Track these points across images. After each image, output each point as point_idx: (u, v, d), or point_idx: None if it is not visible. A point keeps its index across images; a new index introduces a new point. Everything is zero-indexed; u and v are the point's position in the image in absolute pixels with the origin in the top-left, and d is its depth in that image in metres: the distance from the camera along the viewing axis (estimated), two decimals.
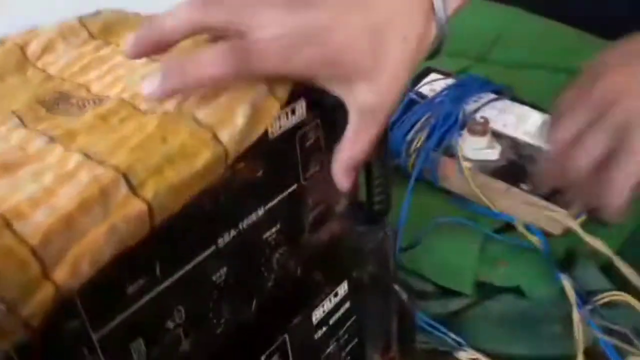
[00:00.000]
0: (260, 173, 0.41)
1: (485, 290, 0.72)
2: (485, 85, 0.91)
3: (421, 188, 0.83)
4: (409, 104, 0.89)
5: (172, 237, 0.36)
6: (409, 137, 0.85)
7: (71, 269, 0.28)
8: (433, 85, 0.93)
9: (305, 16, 0.38)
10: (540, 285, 0.68)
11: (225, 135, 0.37)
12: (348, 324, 0.56)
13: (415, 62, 0.43)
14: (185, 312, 0.38)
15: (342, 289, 0.54)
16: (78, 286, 0.30)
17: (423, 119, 0.86)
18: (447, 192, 0.84)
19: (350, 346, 0.58)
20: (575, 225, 0.71)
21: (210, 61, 0.37)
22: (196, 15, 0.38)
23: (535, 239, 0.71)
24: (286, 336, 0.48)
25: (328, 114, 0.47)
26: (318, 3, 0.39)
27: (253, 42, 0.38)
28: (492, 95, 0.91)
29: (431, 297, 0.73)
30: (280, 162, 0.43)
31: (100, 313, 0.33)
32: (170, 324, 0.38)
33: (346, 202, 0.52)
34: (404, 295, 0.56)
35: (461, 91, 0.88)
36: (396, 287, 0.56)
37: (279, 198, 0.44)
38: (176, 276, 0.37)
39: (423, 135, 0.84)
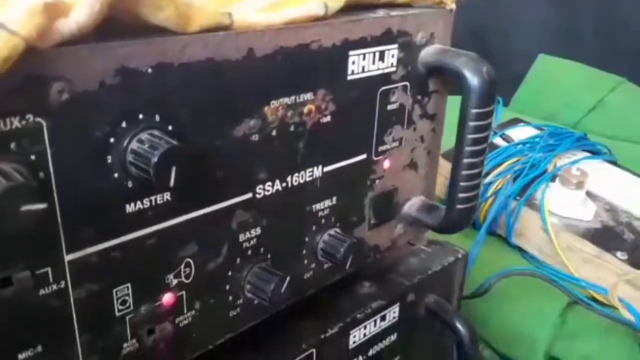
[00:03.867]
0: (328, 116, 0.32)
1: None
2: (581, 140, 0.80)
3: (492, 244, 0.72)
4: (491, 145, 0.79)
5: (198, 162, 0.27)
6: (487, 179, 0.74)
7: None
8: (519, 130, 0.82)
9: None
10: None
11: None
12: None
13: None
14: (193, 271, 0.29)
15: (392, 313, 0.43)
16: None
17: (506, 163, 0.75)
18: (521, 251, 0.72)
19: None
20: None
21: None
22: None
23: (629, 316, 0.58)
24: (314, 351, 0.37)
25: (422, 82, 0.38)
26: None
27: None
28: (588, 153, 0.80)
29: None
30: (354, 114, 0.34)
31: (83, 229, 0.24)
32: (170, 279, 0.28)
33: (419, 202, 0.41)
34: (466, 336, 0.44)
35: (554, 141, 0.78)
36: (458, 325, 0.44)
37: (342, 164, 0.35)
38: (196, 214, 0.28)
39: (504, 180, 0.73)
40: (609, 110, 1.02)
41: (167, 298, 0.28)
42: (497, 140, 0.81)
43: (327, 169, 0.34)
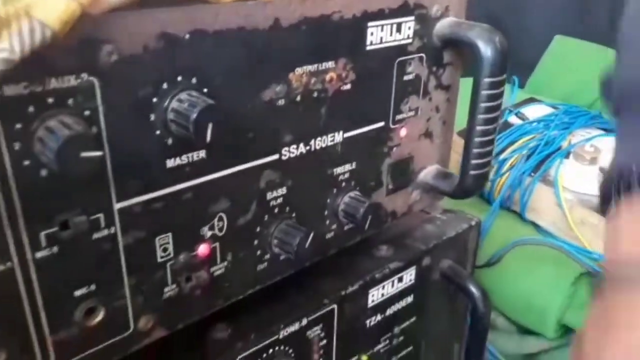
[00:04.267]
0: (348, 84, 0.34)
1: (569, 337, 0.60)
2: (595, 118, 0.81)
3: (507, 219, 0.74)
4: (506, 123, 0.81)
5: (231, 122, 0.29)
6: (502, 156, 0.76)
7: None
8: (535, 108, 0.84)
9: None
10: None
11: None
12: (406, 324, 0.47)
13: None
14: (226, 225, 0.31)
15: (409, 275, 0.45)
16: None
17: (521, 140, 0.77)
18: (536, 227, 0.73)
19: (403, 353, 0.48)
20: None
21: None
22: None
23: None
24: (335, 307, 0.40)
25: (437, 54, 0.40)
26: None
27: None
28: (602, 131, 0.81)
29: (504, 333, 0.62)
30: (373, 83, 0.36)
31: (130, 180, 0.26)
32: (205, 231, 0.31)
33: (435, 170, 0.44)
34: (479, 298, 0.46)
35: (569, 119, 0.79)
36: (472, 288, 0.46)
37: (362, 129, 0.37)
38: (229, 171, 0.30)
39: (519, 156, 0.75)
40: None
41: (203, 249, 0.31)
42: (513, 119, 0.83)
43: (348, 134, 0.36)
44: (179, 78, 0.26)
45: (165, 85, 0.26)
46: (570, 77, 1.08)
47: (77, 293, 0.26)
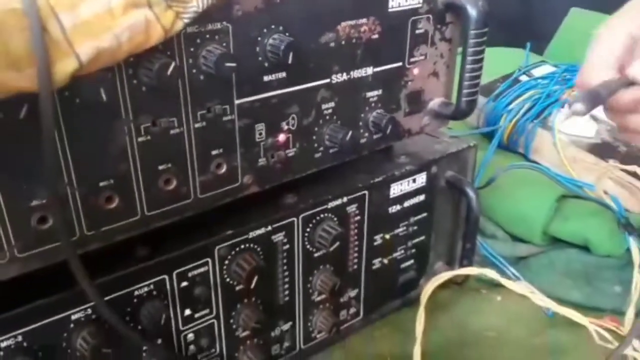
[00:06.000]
0: (376, 35, 0.52)
1: (552, 244, 0.76)
2: None
3: (513, 159, 0.89)
4: (515, 80, 0.96)
5: (302, 54, 0.47)
6: (511, 106, 0.91)
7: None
8: (541, 68, 0.99)
9: None
10: (608, 243, 0.72)
11: None
12: (419, 217, 0.64)
13: None
14: (296, 121, 0.49)
15: (421, 178, 0.62)
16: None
17: (527, 94, 0.92)
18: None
19: (417, 240, 0.66)
20: None
21: None
22: None
23: (611, 203, 0.74)
24: (366, 193, 0.57)
25: (441, 15, 0.56)
26: None
27: None
28: None
29: (501, 241, 0.79)
30: (393, 34, 0.53)
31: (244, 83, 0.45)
32: (284, 125, 0.49)
33: (440, 100, 0.60)
34: (473, 196, 0.63)
35: (569, 75, 0.94)
36: (468, 190, 0.63)
37: (385, 67, 0.54)
38: (299, 87, 0.48)
39: (525, 107, 0.90)
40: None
41: (282, 137, 0.49)
42: (522, 77, 0.98)
43: (376, 69, 0.53)
44: (273, 26, 0.44)
45: (265, 30, 0.44)
46: (584, 47, 1.21)
47: (213, 152, 0.45)
